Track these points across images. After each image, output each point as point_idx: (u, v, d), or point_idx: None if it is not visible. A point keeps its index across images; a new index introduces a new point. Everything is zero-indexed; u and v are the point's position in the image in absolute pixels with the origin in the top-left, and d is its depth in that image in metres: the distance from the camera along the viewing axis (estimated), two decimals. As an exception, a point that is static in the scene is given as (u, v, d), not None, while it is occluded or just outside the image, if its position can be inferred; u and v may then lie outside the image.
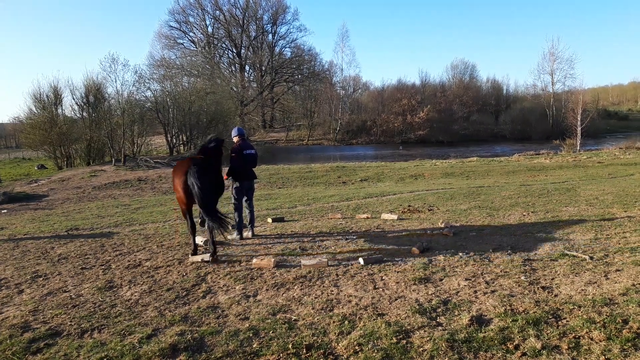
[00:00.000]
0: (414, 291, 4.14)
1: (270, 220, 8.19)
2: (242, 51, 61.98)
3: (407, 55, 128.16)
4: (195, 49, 58.02)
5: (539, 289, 4.05)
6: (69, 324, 3.66)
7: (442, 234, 6.53)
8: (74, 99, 29.59)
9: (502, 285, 4.21)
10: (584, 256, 5.01)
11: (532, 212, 8.11)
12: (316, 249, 5.94)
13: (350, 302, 3.94)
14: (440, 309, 3.67)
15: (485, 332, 3.18)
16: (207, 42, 59.27)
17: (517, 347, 2.95)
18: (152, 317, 3.75)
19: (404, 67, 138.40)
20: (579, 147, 31.95)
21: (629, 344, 2.92)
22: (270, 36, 63.17)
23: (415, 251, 5.48)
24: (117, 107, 29.40)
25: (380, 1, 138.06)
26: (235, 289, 4.43)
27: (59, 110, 29.56)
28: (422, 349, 2.99)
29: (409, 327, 3.33)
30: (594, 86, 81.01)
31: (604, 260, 4.88)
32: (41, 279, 5.02)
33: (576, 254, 5.10)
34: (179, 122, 33.87)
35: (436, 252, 5.48)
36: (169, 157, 29.57)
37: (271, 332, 3.36)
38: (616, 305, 3.57)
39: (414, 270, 4.76)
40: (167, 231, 7.57)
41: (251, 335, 3.32)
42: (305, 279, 4.62)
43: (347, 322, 3.48)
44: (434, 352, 2.93)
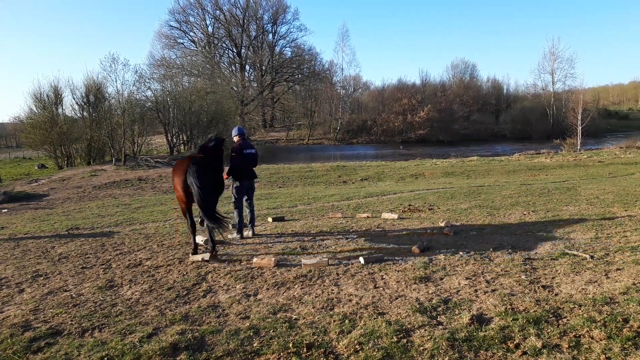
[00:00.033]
0: (414, 290, 4.14)
1: (270, 219, 8.19)
2: (243, 51, 62.01)
3: (407, 55, 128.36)
4: (195, 48, 58.01)
5: (539, 288, 4.05)
6: (70, 323, 3.66)
7: (443, 233, 6.53)
8: (74, 99, 29.70)
9: (503, 284, 4.21)
10: (584, 255, 5.00)
11: (532, 212, 8.10)
12: (317, 248, 5.94)
13: (350, 301, 3.94)
14: (440, 308, 3.67)
15: (485, 331, 3.18)
16: (208, 42, 59.28)
17: (517, 346, 2.96)
18: (153, 316, 3.75)
19: (405, 67, 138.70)
20: (579, 147, 31.95)
21: (630, 343, 2.92)
22: (270, 36, 63.30)
23: (415, 250, 5.48)
24: (117, 106, 29.42)
25: (380, 1, 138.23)
26: (235, 288, 4.43)
27: (60, 109, 29.65)
28: (422, 348, 2.99)
29: (409, 326, 3.33)
30: (595, 86, 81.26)
31: (605, 259, 4.88)
32: (42, 278, 5.03)
33: (577, 253, 5.10)
34: (180, 122, 33.91)
35: (437, 251, 5.48)
36: (170, 156, 29.57)
37: (272, 331, 3.36)
38: (617, 304, 3.57)
39: (415, 269, 4.76)
40: (168, 230, 7.57)
41: (252, 334, 3.32)
42: (305, 278, 4.62)
43: (347, 321, 3.48)
44: (434, 351, 2.93)
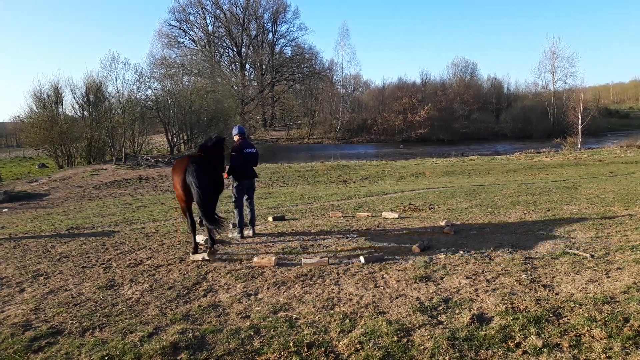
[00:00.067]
0: (414, 289, 4.14)
1: (271, 218, 8.19)
2: (243, 50, 61.99)
3: (407, 54, 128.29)
4: (195, 47, 57.97)
5: (540, 287, 4.05)
6: (70, 322, 3.67)
7: (443, 232, 6.52)
8: (74, 98, 29.69)
9: (503, 283, 4.21)
10: (585, 254, 5.00)
11: (533, 211, 8.10)
12: (317, 247, 5.94)
13: (351, 300, 3.94)
14: (441, 307, 3.67)
15: (486, 331, 3.18)
16: (208, 41, 59.25)
17: (518, 345, 2.95)
18: (153, 316, 3.75)
19: (405, 66, 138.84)
20: (580, 146, 31.90)
21: (630, 342, 2.91)
22: (270, 35, 63.22)
23: (416, 249, 5.47)
24: (117, 106, 29.41)
25: (380, 1, 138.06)
26: (236, 287, 4.43)
27: (60, 109, 29.63)
28: (423, 347, 2.99)
29: (409, 326, 3.33)
30: (595, 84, 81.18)
31: (605, 258, 4.88)
32: (42, 277, 5.03)
33: (577, 252, 5.10)
34: (180, 121, 33.91)
35: (437, 251, 5.48)
36: (170, 155, 29.57)
37: (272, 330, 3.36)
38: (617, 303, 3.57)
39: (415, 268, 4.76)
40: (168, 230, 7.58)
41: (252, 333, 3.32)
42: (306, 277, 4.62)
43: (348, 320, 3.48)
44: (435, 350, 2.93)
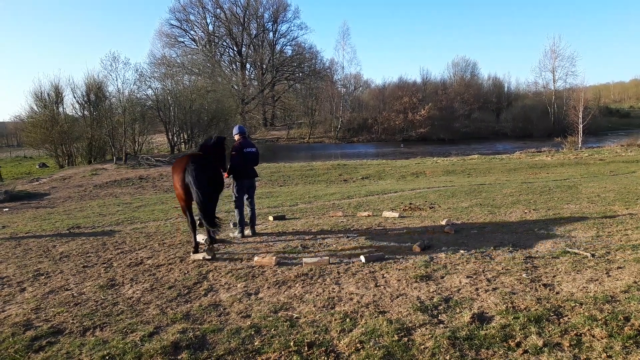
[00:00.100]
0: (415, 289, 4.14)
1: (271, 218, 8.19)
2: (243, 49, 61.98)
3: (407, 54, 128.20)
4: (196, 47, 58.01)
5: (540, 286, 4.05)
6: (71, 322, 3.67)
7: (444, 231, 6.52)
8: (75, 98, 29.73)
9: (504, 282, 4.21)
10: (585, 254, 5.00)
11: (533, 210, 8.09)
12: (317, 246, 5.94)
13: (351, 299, 3.94)
14: (441, 307, 3.67)
15: (486, 330, 3.18)
16: (208, 40, 59.26)
17: (518, 345, 2.95)
18: (154, 315, 3.75)
19: (405, 66, 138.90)
20: (580, 145, 31.89)
21: (631, 341, 2.91)
22: (271, 34, 63.23)
23: (416, 249, 5.47)
24: (118, 105, 29.43)
25: (380, 1, 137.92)
26: (236, 286, 4.43)
27: (60, 108, 29.65)
28: (423, 346, 2.99)
29: (410, 325, 3.33)
30: (596, 84, 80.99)
31: (606, 257, 4.87)
32: (43, 277, 5.04)
33: (578, 252, 5.09)
34: (180, 121, 33.92)
35: (437, 250, 5.48)
36: (170, 155, 29.58)
37: (273, 329, 3.36)
38: (618, 302, 3.57)
39: (416, 267, 4.76)
40: (169, 229, 7.58)
41: (253, 333, 3.32)
42: (306, 276, 4.62)
43: (348, 319, 3.48)
44: (435, 349, 2.93)
